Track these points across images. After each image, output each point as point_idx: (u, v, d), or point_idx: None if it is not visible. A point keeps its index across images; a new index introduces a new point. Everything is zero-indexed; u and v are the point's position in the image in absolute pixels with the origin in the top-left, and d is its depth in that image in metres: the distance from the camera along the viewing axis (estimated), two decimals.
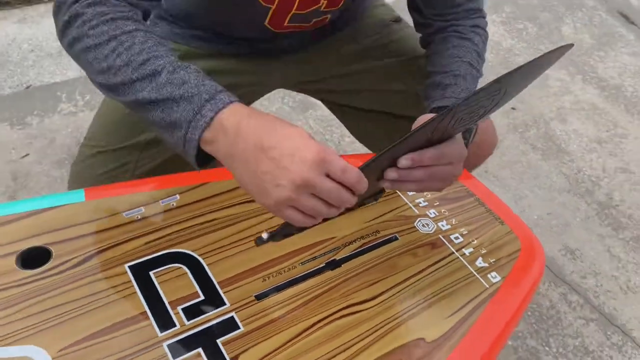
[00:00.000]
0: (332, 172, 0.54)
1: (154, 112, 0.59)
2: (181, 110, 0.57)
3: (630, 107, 2.05)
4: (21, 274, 0.63)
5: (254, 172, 0.55)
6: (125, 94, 0.60)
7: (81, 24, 0.61)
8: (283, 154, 0.53)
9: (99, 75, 0.62)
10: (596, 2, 2.63)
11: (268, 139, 0.54)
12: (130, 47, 0.60)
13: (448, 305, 0.72)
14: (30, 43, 1.74)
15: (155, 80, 0.58)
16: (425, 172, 0.66)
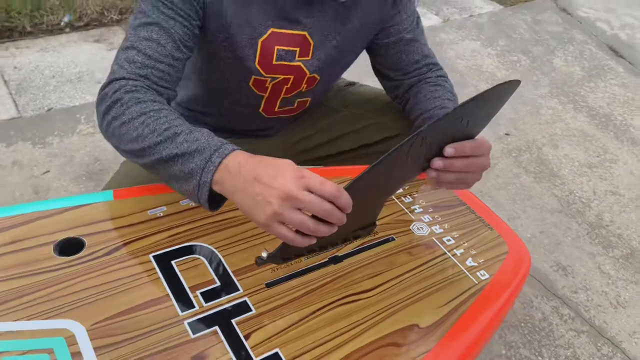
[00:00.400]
0: (311, 186, 0.64)
1: (174, 166, 0.72)
2: (196, 160, 0.70)
3: (620, 134, 2.15)
4: (58, 260, 0.70)
5: (250, 196, 0.67)
6: (150, 155, 0.73)
7: (119, 106, 0.75)
8: (270, 178, 0.66)
9: (128, 143, 0.75)
10: (586, 37, 2.77)
11: (260, 171, 0.67)
12: (156, 119, 0.74)
13: (440, 297, 0.79)
14: (52, 69, 1.85)
15: (175, 140, 0.72)
16: (465, 162, 0.78)
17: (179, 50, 0.82)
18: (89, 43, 2.02)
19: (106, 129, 0.78)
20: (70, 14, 2.08)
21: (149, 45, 0.79)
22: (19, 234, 0.72)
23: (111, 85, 0.77)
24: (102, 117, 0.78)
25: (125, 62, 0.78)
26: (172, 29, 0.80)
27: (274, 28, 0.90)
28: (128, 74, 0.78)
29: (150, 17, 0.80)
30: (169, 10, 0.80)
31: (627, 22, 2.97)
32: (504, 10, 2.84)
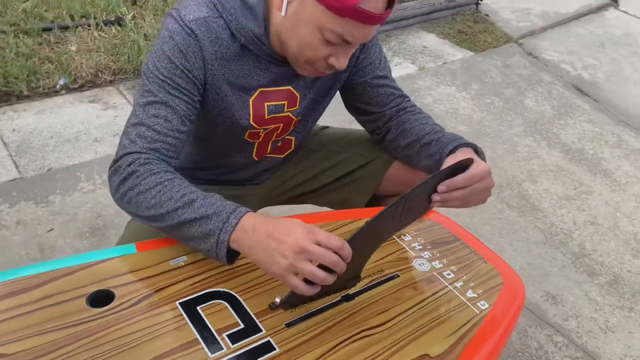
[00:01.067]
0: (320, 240, 0.73)
1: (192, 228, 0.80)
2: (213, 222, 0.79)
3: (592, 167, 2.28)
4: (91, 312, 0.75)
5: (266, 251, 0.75)
6: (169, 220, 0.81)
7: (135, 178, 0.84)
8: (283, 234, 0.75)
9: (146, 210, 0.83)
10: (553, 78, 2.95)
11: (273, 229, 0.76)
12: (171, 188, 0.83)
13: (446, 328, 0.85)
14: (50, 130, 1.91)
15: (192, 206, 0.81)
16: (463, 192, 0.89)
17: (183, 124, 0.91)
18: (85, 103, 2.09)
19: (121, 198, 0.86)
20: (65, 77, 2.16)
21: (157, 122, 0.88)
22: (51, 289, 0.77)
23: (124, 159, 0.86)
24: (117, 187, 0.86)
25: (137, 137, 0.87)
26: (178, 106, 0.90)
27: (262, 88, 1.00)
28: (140, 148, 0.87)
29: (158, 96, 0.89)
30: (174, 90, 0.89)
31: (588, 62, 3.17)
32: (474, 56, 3.02)
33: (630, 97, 2.90)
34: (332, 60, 0.92)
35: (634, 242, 1.91)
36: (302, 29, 0.88)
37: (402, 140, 1.11)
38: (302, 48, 0.90)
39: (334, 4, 0.83)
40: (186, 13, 0.90)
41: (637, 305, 1.66)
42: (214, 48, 0.91)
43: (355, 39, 0.88)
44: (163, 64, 0.89)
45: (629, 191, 2.17)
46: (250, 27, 0.92)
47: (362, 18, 0.84)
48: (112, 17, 2.55)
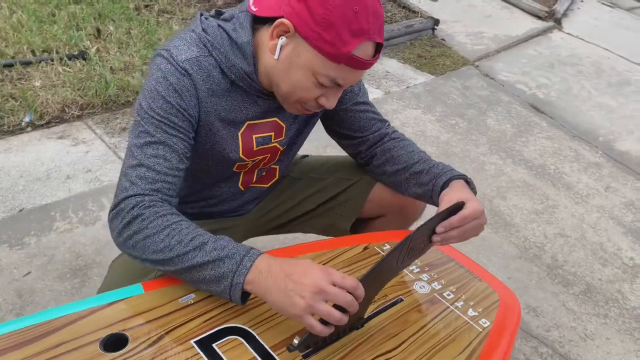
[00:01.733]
0: (336, 280, 0.76)
1: (204, 271, 0.80)
2: (227, 265, 0.80)
3: (555, 181, 2.39)
4: (107, 357, 0.73)
5: (283, 292, 0.77)
6: (179, 264, 0.81)
7: (141, 221, 0.83)
8: (300, 275, 0.77)
9: (154, 254, 0.82)
10: (510, 98, 3.10)
11: (290, 270, 0.78)
12: (180, 231, 0.83)
13: (455, 347, 0.88)
14: (18, 170, 1.85)
15: (204, 249, 0.81)
16: (459, 231, 0.96)
17: (182, 162, 0.92)
18: (53, 140, 2.04)
19: (125, 242, 0.85)
20: (31, 114, 2.10)
21: (157, 162, 0.88)
22: (63, 336, 0.74)
23: (126, 202, 0.85)
24: (120, 231, 0.85)
25: (137, 178, 0.87)
26: (175, 145, 0.90)
27: (249, 121, 1.02)
28: (142, 190, 0.86)
29: (155, 136, 0.89)
30: (171, 129, 0.90)
31: (541, 82, 3.35)
32: (435, 79, 3.14)
33: (580, 113, 3.08)
34: (322, 100, 0.95)
35: (601, 252, 2.01)
36: (296, 72, 0.91)
37: (390, 167, 1.15)
38: (295, 90, 0.93)
39: (330, 51, 0.86)
40: (177, 53, 0.92)
41: (611, 312, 1.74)
42: (206, 86, 0.93)
43: (347, 82, 0.93)
44: (159, 104, 0.89)
45: (591, 202, 2.29)
46: (241, 66, 0.94)
47: (355, 64, 0.89)
48: (75, 51, 2.51)
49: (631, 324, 1.70)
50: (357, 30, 0.85)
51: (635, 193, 2.42)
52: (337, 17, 0.84)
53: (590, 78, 3.53)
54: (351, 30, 0.85)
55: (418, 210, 1.24)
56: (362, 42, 0.86)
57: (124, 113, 2.27)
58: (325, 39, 0.85)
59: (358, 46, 0.86)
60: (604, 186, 2.43)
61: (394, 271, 0.94)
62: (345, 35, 0.85)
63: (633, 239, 2.12)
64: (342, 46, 0.86)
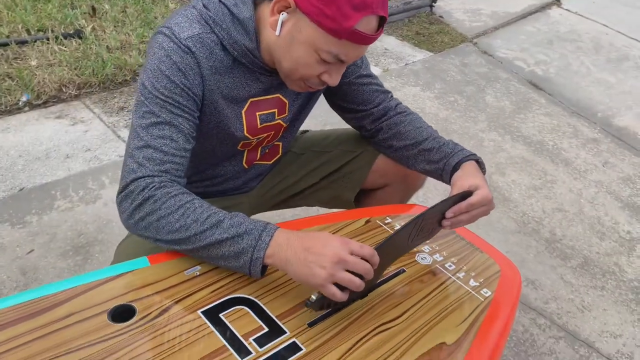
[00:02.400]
0: (354, 249, 0.79)
1: (223, 248, 0.82)
2: (245, 241, 0.81)
3: (554, 157, 2.40)
4: (115, 327, 0.74)
5: (304, 263, 0.79)
6: (197, 242, 0.82)
7: (153, 203, 0.83)
8: (320, 247, 0.79)
9: (169, 234, 0.82)
10: (509, 74, 3.09)
11: (308, 243, 0.80)
12: (194, 210, 0.83)
13: (457, 316, 0.89)
14: (17, 149, 1.84)
15: (221, 226, 0.82)
16: (467, 216, 0.99)
17: (188, 142, 0.91)
18: (51, 120, 2.03)
19: (137, 223, 0.84)
20: (28, 93, 2.09)
21: (164, 143, 0.87)
22: (71, 308, 0.75)
23: (136, 184, 0.84)
24: (131, 213, 0.84)
25: (145, 160, 0.86)
26: (181, 125, 0.90)
27: (252, 98, 1.02)
28: (150, 171, 0.86)
29: (160, 116, 0.88)
30: (176, 109, 0.89)
31: (539, 59, 3.34)
32: (434, 56, 3.12)
33: (579, 89, 3.07)
34: (325, 77, 0.94)
35: (598, 226, 2.03)
36: (297, 48, 0.90)
37: (397, 142, 1.15)
38: (297, 66, 0.92)
39: (331, 27, 0.85)
40: (179, 31, 0.90)
41: (608, 284, 1.77)
42: (209, 63, 0.92)
43: (349, 58, 0.91)
44: (162, 83, 0.88)
45: (589, 178, 2.30)
46: (243, 42, 0.93)
47: (358, 39, 0.87)
48: (70, 30, 2.48)
49: (628, 296, 1.73)
50: (359, 4, 0.84)
51: (632, 168, 2.43)
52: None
53: (589, 54, 3.51)
54: (353, 4, 0.83)
55: (420, 179, 1.25)
56: (364, 16, 0.85)
57: (121, 92, 2.26)
58: (326, 13, 0.84)
59: (360, 20, 0.85)
60: (602, 161, 2.44)
61: (405, 248, 0.95)
62: (347, 10, 0.84)
63: (630, 213, 2.13)
64: (344, 21, 0.84)
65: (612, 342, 1.55)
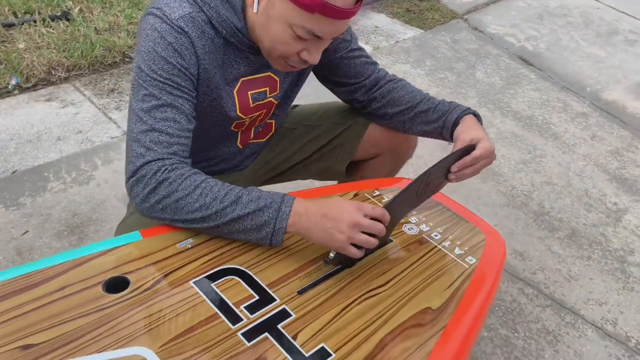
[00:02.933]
0: (367, 212, 0.85)
1: (245, 222, 0.85)
2: (267, 214, 0.85)
3: (543, 132, 2.43)
4: (110, 298, 0.76)
5: (324, 229, 0.84)
6: (218, 219, 0.84)
7: (169, 185, 0.84)
8: (336, 213, 0.84)
9: (189, 214, 0.84)
10: (499, 50, 3.09)
11: (325, 210, 0.85)
12: (211, 189, 0.85)
13: (442, 283, 0.92)
14: (8, 132, 1.84)
15: (241, 202, 0.85)
16: (472, 168, 1.05)
17: (190, 122, 0.92)
18: (41, 102, 2.03)
19: (153, 206, 0.85)
20: (17, 77, 2.08)
21: (168, 125, 0.88)
22: (66, 280, 0.78)
23: (147, 168, 0.85)
24: (146, 197, 0.85)
25: (152, 144, 0.86)
26: (182, 105, 0.90)
27: (243, 77, 1.02)
28: (160, 154, 0.86)
29: (161, 99, 0.88)
30: (176, 90, 0.90)
31: (530, 34, 3.34)
32: (424, 34, 3.11)
33: (569, 64, 3.08)
34: (304, 54, 0.93)
35: (586, 198, 2.06)
36: (273, 25, 0.89)
37: (392, 109, 1.18)
38: (274, 44, 0.92)
39: (302, 1, 0.83)
40: (170, 11, 0.90)
41: (594, 254, 1.80)
42: (201, 42, 0.92)
43: (325, 34, 0.90)
44: (160, 65, 0.88)
45: (577, 151, 2.33)
46: (232, 20, 0.93)
47: (331, 13, 0.85)
48: (58, 12, 2.46)
49: (613, 265, 1.77)
50: None
51: (620, 141, 2.46)
52: None
53: (579, 29, 3.52)
54: None
55: (411, 148, 1.28)
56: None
57: (111, 74, 2.25)
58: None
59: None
60: (591, 135, 2.46)
61: (414, 203, 1.01)
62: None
63: (617, 185, 2.17)
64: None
65: (597, 309, 1.60)
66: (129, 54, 2.36)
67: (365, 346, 0.77)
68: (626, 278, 1.73)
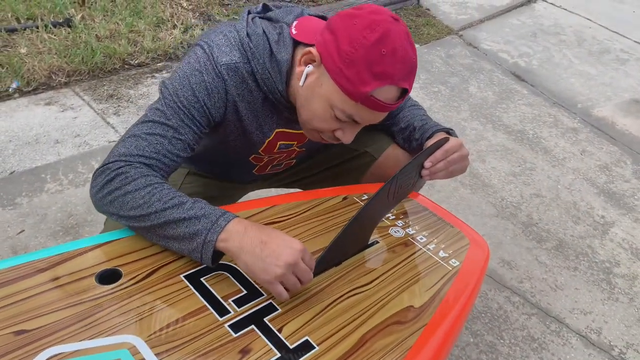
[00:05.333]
0: (306, 259, 0.82)
1: (179, 228, 0.82)
2: (202, 223, 0.82)
3: (534, 146, 2.47)
4: (103, 288, 0.79)
5: (258, 257, 0.79)
6: (154, 219, 0.82)
7: (124, 178, 0.84)
8: (278, 245, 0.80)
9: (131, 210, 0.83)
10: (492, 66, 3.15)
11: (267, 237, 0.81)
12: (161, 190, 0.84)
13: (425, 283, 0.95)
14: (7, 134, 1.88)
15: (182, 207, 0.83)
16: (444, 163, 1.06)
17: (185, 151, 0.93)
18: (40, 106, 2.06)
19: (104, 197, 0.85)
20: (18, 80, 2.12)
21: (160, 142, 0.89)
22: (60, 271, 0.80)
23: (115, 163, 0.86)
24: (102, 187, 0.85)
25: (135, 149, 0.87)
26: (185, 134, 0.91)
27: (278, 129, 1.05)
28: (135, 160, 0.87)
29: (170, 120, 0.90)
30: (187, 119, 0.91)
31: (523, 51, 3.40)
32: (419, 48, 3.17)
33: (561, 81, 3.14)
34: (338, 133, 0.96)
35: (574, 210, 2.10)
36: (316, 101, 0.92)
37: (395, 127, 1.22)
38: (312, 119, 0.95)
39: (348, 88, 0.87)
40: (219, 54, 0.92)
41: (580, 265, 1.84)
42: (238, 91, 0.95)
43: (364, 120, 0.93)
44: (186, 94, 0.91)
45: (567, 165, 2.38)
46: (274, 80, 0.95)
47: (372, 106, 0.89)
48: (60, 19, 2.51)
49: (599, 276, 1.80)
50: (380, 73, 0.85)
51: (609, 156, 2.51)
52: (361, 56, 0.84)
53: (572, 47, 3.59)
54: (373, 72, 0.85)
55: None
56: (382, 85, 0.86)
57: (110, 80, 2.29)
58: (345, 74, 0.86)
59: (378, 88, 0.86)
60: (580, 150, 2.51)
61: (389, 206, 1.04)
62: (366, 76, 0.85)
63: (605, 198, 2.21)
64: (361, 85, 0.86)
65: (582, 318, 1.63)
66: (129, 61, 2.40)
67: (348, 340, 0.80)
68: (611, 289, 1.76)
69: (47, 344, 0.69)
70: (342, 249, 0.92)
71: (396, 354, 0.80)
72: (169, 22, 2.71)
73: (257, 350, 0.75)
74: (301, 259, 0.81)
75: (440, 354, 0.85)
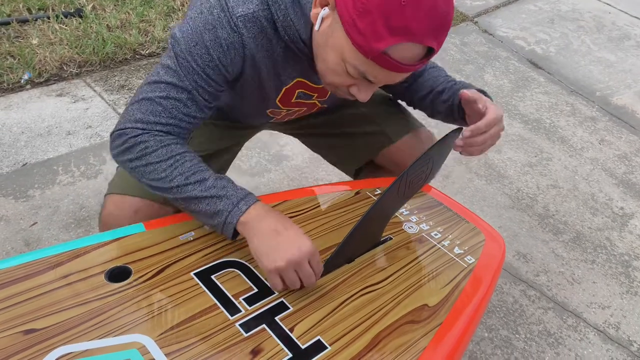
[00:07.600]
0: (312, 262, 0.81)
1: (200, 205, 0.83)
2: (223, 204, 0.82)
3: (550, 135, 2.42)
4: (112, 286, 0.78)
5: (267, 244, 0.80)
6: (177, 193, 0.84)
7: (144, 148, 0.84)
8: (289, 239, 0.80)
9: (153, 181, 0.84)
10: (508, 53, 3.09)
11: (282, 227, 0.81)
12: (183, 163, 0.84)
13: (440, 281, 0.93)
14: (20, 126, 1.88)
15: (204, 184, 0.83)
16: (484, 137, 0.93)
17: (201, 112, 0.89)
18: (52, 97, 2.06)
19: (124, 163, 0.87)
20: (30, 72, 2.11)
21: (175, 106, 0.86)
22: (70, 268, 0.80)
23: (133, 130, 0.85)
24: (122, 152, 0.86)
25: (151, 115, 0.85)
26: (200, 95, 0.87)
27: (300, 78, 0.97)
28: (152, 127, 0.85)
29: (183, 82, 0.85)
30: (202, 81, 0.86)
31: (540, 37, 3.32)
32: None
33: (579, 68, 3.06)
34: (353, 90, 0.86)
35: (591, 202, 2.06)
36: (329, 52, 0.82)
37: (416, 95, 1.13)
38: (326, 71, 0.86)
39: (359, 42, 0.75)
40: (235, 4, 0.83)
41: (598, 257, 1.80)
42: (256, 42, 0.87)
43: (379, 80, 0.82)
44: (200, 52, 0.84)
45: (585, 155, 2.32)
46: (297, 28, 0.86)
47: (386, 65, 0.77)
48: (71, 9, 2.50)
49: (617, 269, 1.76)
50: (398, 27, 0.72)
51: (629, 146, 2.45)
52: (377, 5, 0.71)
53: (591, 33, 3.49)
54: (389, 25, 0.72)
55: None
56: (400, 42, 0.73)
57: (122, 70, 2.28)
58: (357, 26, 0.74)
59: (394, 45, 0.74)
60: (599, 139, 2.45)
61: (398, 204, 0.99)
62: (381, 28, 0.73)
63: (624, 189, 2.16)
64: (374, 40, 0.74)
65: (600, 312, 1.59)
66: (140, 51, 2.39)
67: (361, 340, 0.78)
68: (630, 282, 1.72)
69: (57, 344, 0.69)
70: (353, 246, 0.90)
71: (410, 354, 0.78)
72: (179, 11, 2.68)
73: (268, 350, 0.74)
74: (307, 261, 0.80)
75: (455, 354, 0.83)
